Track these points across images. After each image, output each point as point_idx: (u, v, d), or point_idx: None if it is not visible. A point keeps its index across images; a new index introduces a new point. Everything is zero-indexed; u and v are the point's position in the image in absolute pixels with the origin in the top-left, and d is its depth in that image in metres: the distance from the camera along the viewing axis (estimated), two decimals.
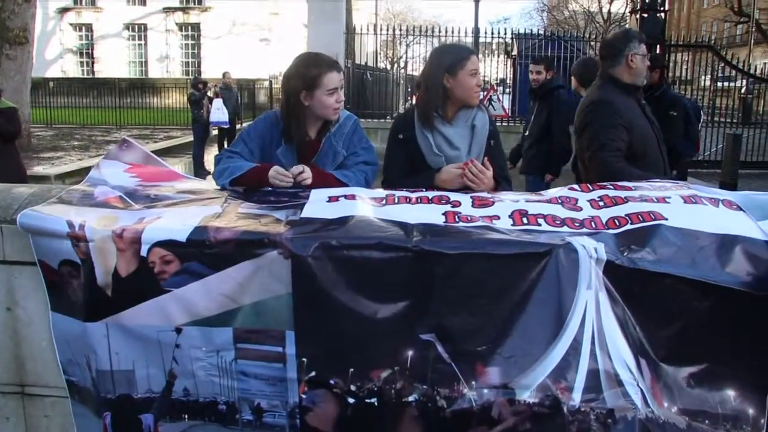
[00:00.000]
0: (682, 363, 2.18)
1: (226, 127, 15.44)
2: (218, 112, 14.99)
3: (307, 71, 2.93)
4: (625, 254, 2.16)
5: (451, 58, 3.09)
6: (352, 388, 2.20)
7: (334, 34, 14.05)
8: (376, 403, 2.20)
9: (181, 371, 2.32)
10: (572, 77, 6.60)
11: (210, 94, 15.25)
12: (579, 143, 3.85)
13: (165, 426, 2.38)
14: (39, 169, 12.19)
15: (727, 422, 2.17)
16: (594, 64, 5.94)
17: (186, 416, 2.37)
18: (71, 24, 40.01)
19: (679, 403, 2.16)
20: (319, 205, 2.50)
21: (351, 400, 2.21)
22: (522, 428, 2.14)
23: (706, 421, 2.16)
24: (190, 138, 15.92)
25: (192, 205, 2.55)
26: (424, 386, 2.18)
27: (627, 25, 35.86)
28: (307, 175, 2.78)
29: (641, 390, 2.12)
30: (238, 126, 15.90)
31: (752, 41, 34.64)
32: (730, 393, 2.17)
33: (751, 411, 2.17)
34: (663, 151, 3.79)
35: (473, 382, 2.16)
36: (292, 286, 2.19)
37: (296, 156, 3.00)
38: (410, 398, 2.19)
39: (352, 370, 2.20)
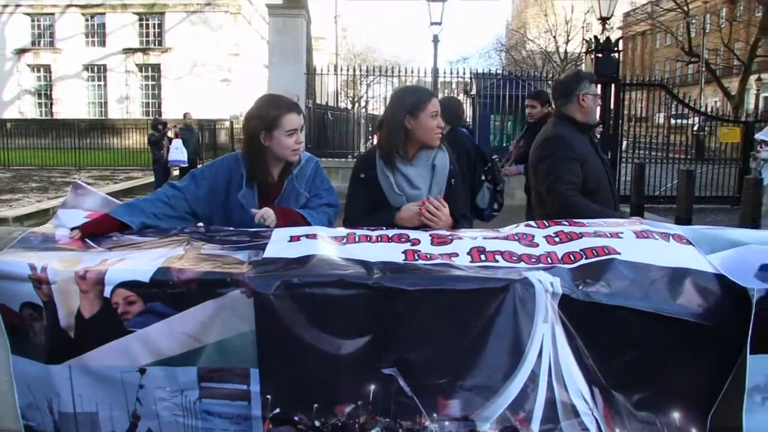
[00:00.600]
0: (632, 390, 2.25)
1: (185, 166, 15.40)
2: (177, 152, 14.99)
3: (267, 112, 2.97)
4: (580, 288, 2.24)
5: (412, 100, 3.16)
6: (317, 423, 2.21)
7: (294, 74, 14.18)
8: None
9: (145, 412, 2.30)
10: None
11: (170, 134, 15.25)
12: (534, 176, 3.95)
13: None
14: None
15: None
16: (456, 104, 6.32)
17: None
18: (29, 65, 39.74)
19: (629, 428, 2.22)
20: (280, 244, 2.53)
21: None
22: None
23: None
24: (151, 179, 15.86)
25: (155, 247, 2.56)
26: (387, 419, 2.21)
27: (583, 65, 36.76)
28: (271, 219, 2.81)
29: (596, 419, 2.18)
30: (199, 165, 15.87)
31: (703, 80, 35.78)
32: (676, 415, 2.25)
33: (693, 430, 2.25)
34: (614, 188, 3.91)
35: (435, 415, 2.19)
36: (256, 324, 2.20)
37: (257, 198, 3.01)
38: (373, 431, 2.21)
39: (316, 405, 2.21)
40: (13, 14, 38.60)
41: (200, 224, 2.97)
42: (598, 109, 4.10)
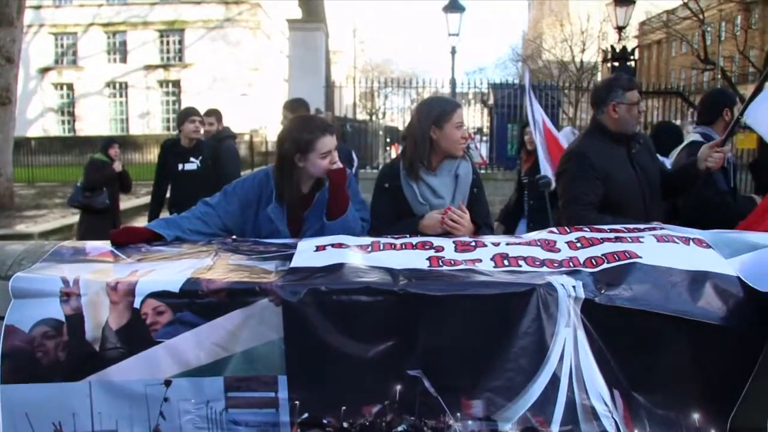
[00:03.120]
0: (653, 392, 2.27)
1: None
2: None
3: (301, 135, 3.00)
4: (603, 292, 2.27)
5: (438, 111, 3.21)
6: (345, 425, 2.25)
7: (314, 87, 14.29)
8: None
9: (168, 427, 2.28)
10: None
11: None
12: (557, 187, 3.90)
13: None
14: (22, 228, 12.16)
15: None
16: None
17: None
18: (52, 83, 40.35)
19: (648, 429, 2.24)
20: (307, 254, 2.58)
21: None
22: None
23: None
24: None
25: (183, 258, 2.60)
26: (412, 418, 2.24)
27: (599, 74, 36.61)
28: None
29: (615, 421, 2.20)
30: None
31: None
32: (696, 416, 2.27)
33: (713, 431, 2.26)
34: (648, 201, 3.71)
35: (458, 414, 2.23)
36: (284, 332, 2.24)
37: (286, 212, 3.06)
38: (399, 428, 2.24)
39: (344, 408, 2.25)
40: (38, 34, 39.23)
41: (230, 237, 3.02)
42: (640, 116, 3.82)
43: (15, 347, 2.27)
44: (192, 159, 6.32)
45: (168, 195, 6.63)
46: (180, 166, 6.32)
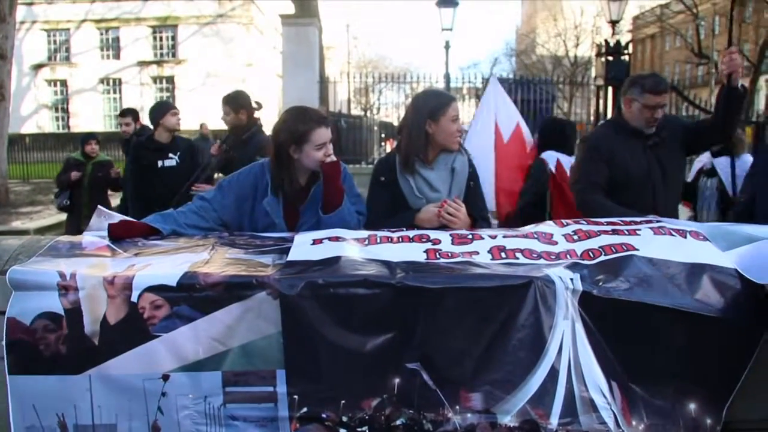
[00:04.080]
0: (650, 383, 2.29)
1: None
2: None
3: (296, 127, 2.99)
4: (600, 284, 2.28)
5: (433, 104, 3.20)
6: (344, 419, 2.25)
7: (308, 83, 14.28)
8: (366, 431, 2.25)
9: (166, 422, 2.28)
10: None
11: None
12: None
13: None
14: (18, 224, 12.14)
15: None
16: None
17: None
18: (46, 80, 40.22)
19: (646, 420, 2.26)
20: (304, 248, 2.57)
21: (342, 431, 2.26)
22: None
23: None
24: None
25: (180, 252, 2.59)
26: (411, 411, 2.25)
27: (593, 68, 36.64)
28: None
29: (614, 413, 2.21)
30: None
31: (713, 82, 35.56)
32: (692, 406, 2.28)
33: (709, 421, 2.27)
34: (658, 193, 3.75)
35: (457, 407, 2.23)
36: (282, 325, 2.24)
37: (282, 206, 3.06)
38: (398, 422, 2.25)
39: (343, 402, 2.25)
40: (30, 30, 39.07)
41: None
42: (653, 121, 3.78)
43: (18, 340, 2.29)
44: (171, 155, 6.16)
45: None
46: (160, 163, 6.13)
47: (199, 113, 30.03)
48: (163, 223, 2.89)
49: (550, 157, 5.13)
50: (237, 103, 5.51)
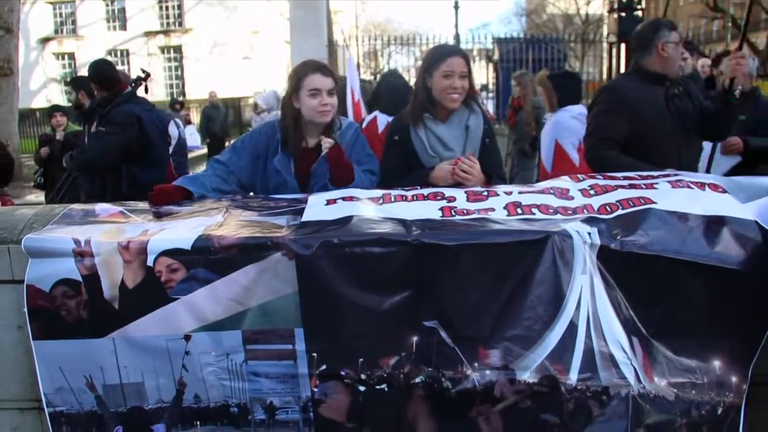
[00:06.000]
0: (672, 339, 2.27)
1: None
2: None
3: (294, 74, 3.04)
4: (618, 238, 2.25)
5: (429, 58, 3.15)
6: (363, 376, 2.28)
7: (316, 48, 14.16)
8: (386, 389, 2.28)
9: (191, 378, 2.36)
10: None
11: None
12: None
13: None
14: (31, 198, 12.19)
15: (711, 390, 2.27)
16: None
17: (198, 423, 2.41)
18: (54, 53, 40.06)
19: (669, 377, 2.25)
20: (318, 208, 2.57)
21: (362, 389, 2.28)
22: (523, 405, 2.24)
23: (693, 391, 2.26)
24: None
25: (194, 216, 2.60)
26: (430, 369, 2.26)
27: (605, 26, 36.10)
28: (328, 145, 2.94)
29: (634, 368, 2.21)
30: (227, 143, 15.91)
31: (729, 36, 34.93)
32: (716, 363, 2.27)
33: (734, 379, 2.26)
34: (681, 145, 3.66)
35: (476, 364, 2.24)
36: (298, 285, 2.25)
37: (293, 163, 3.05)
38: (417, 380, 2.26)
39: (361, 360, 2.27)
40: (35, 4, 38.87)
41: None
42: (681, 59, 3.74)
43: (39, 306, 2.35)
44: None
45: None
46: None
47: (208, 82, 30.05)
48: (193, 186, 2.91)
49: None
50: (75, 84, 5.68)
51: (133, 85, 4.95)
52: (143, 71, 5.13)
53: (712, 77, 5.84)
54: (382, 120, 5.16)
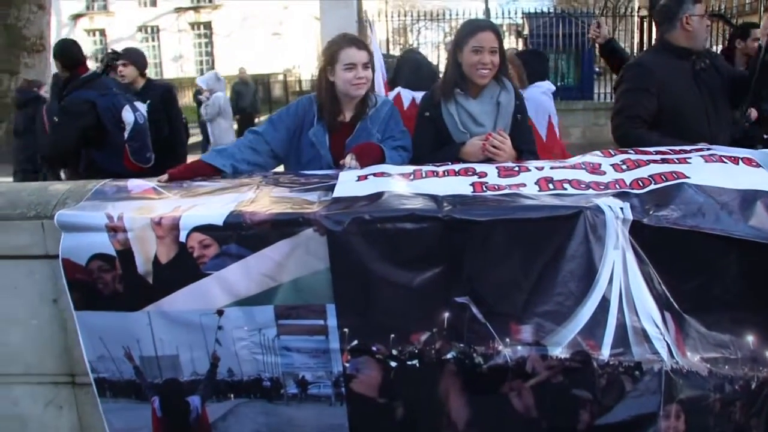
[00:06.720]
0: (705, 314, 2.25)
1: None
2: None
3: (329, 47, 3.04)
4: (651, 213, 2.23)
5: (460, 33, 3.12)
6: (394, 352, 2.29)
7: (346, 21, 14.01)
8: (417, 364, 2.29)
9: (225, 352, 2.40)
10: None
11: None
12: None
13: (212, 406, 2.46)
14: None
15: (745, 365, 2.25)
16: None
17: (232, 395, 2.45)
18: (85, 30, 40.33)
19: (702, 352, 2.24)
20: (349, 184, 2.58)
21: (393, 364, 2.30)
22: (555, 381, 2.24)
23: (726, 367, 2.25)
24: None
25: (226, 193, 2.62)
26: (461, 345, 2.27)
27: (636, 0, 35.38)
28: (353, 164, 2.86)
29: (667, 343, 2.20)
30: (256, 120, 15.93)
31: (762, 8, 34.01)
32: (749, 338, 2.25)
33: None
34: (712, 119, 3.60)
35: (507, 340, 2.24)
36: (330, 261, 2.26)
37: (328, 136, 3.06)
38: (449, 356, 2.27)
39: (393, 335, 2.28)
40: None
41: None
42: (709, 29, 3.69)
43: (77, 279, 2.40)
44: None
45: None
46: None
47: (238, 58, 30.04)
48: (222, 160, 2.93)
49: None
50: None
51: (102, 68, 5.06)
52: (113, 51, 5.18)
53: (728, 50, 5.69)
54: (407, 96, 5.16)
